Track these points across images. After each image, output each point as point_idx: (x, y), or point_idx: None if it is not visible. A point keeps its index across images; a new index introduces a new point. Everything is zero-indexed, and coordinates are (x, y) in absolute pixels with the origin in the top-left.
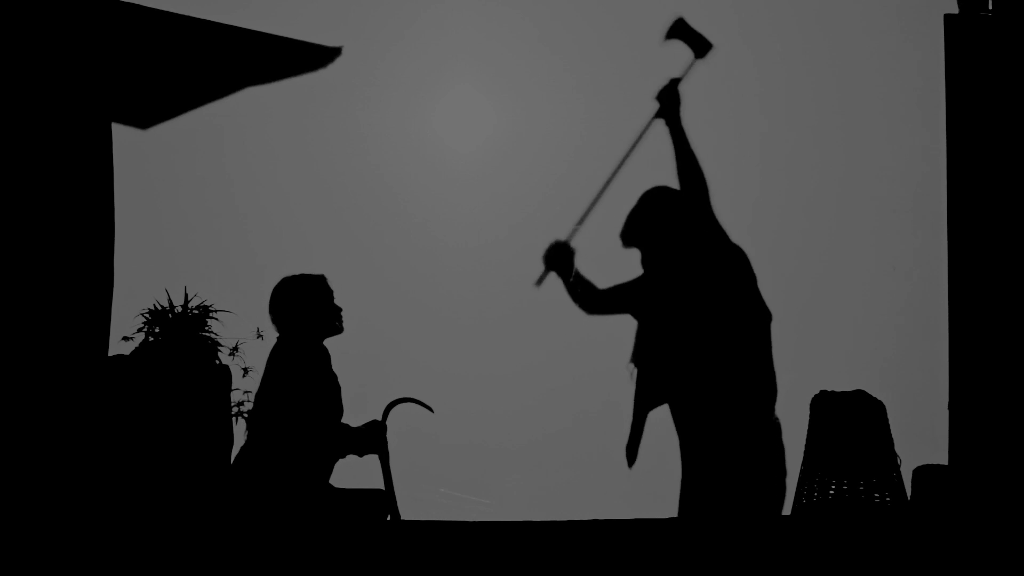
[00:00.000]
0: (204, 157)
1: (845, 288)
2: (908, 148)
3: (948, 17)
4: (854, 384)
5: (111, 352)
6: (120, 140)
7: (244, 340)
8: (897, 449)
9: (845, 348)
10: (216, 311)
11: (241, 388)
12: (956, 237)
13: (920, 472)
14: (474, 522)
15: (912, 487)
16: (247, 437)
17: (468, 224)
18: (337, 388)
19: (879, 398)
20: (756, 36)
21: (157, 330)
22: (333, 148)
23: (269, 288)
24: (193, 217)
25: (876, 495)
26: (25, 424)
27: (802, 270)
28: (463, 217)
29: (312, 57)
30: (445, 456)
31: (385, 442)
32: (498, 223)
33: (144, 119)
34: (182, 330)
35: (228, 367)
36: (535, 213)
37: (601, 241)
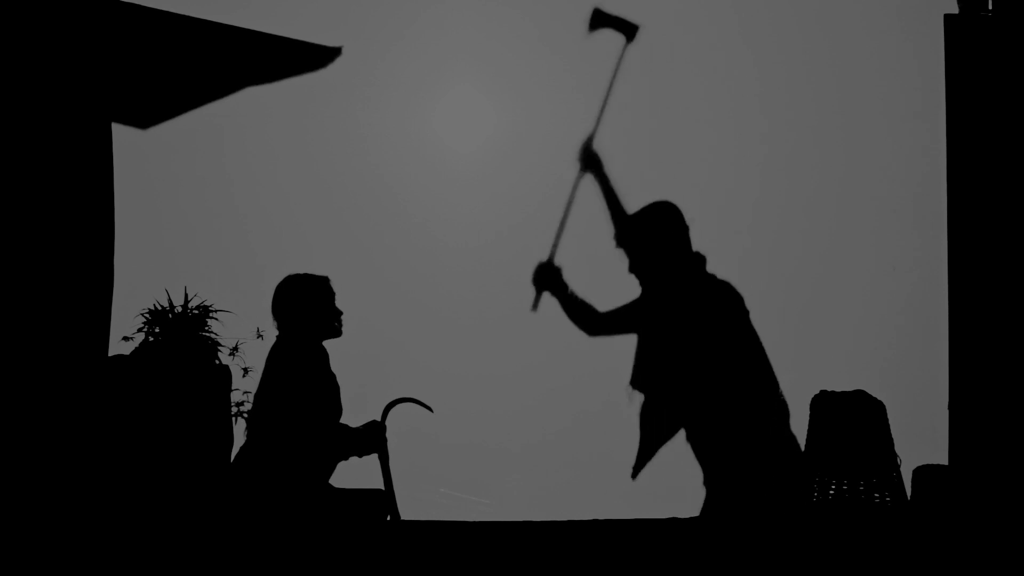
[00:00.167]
0: (204, 157)
1: (845, 288)
2: (908, 148)
3: (948, 17)
4: (854, 384)
5: (111, 352)
6: (120, 140)
7: (244, 340)
8: (897, 449)
9: (845, 348)
10: (216, 311)
11: (241, 388)
12: (956, 237)
13: (920, 472)
14: (474, 522)
15: (912, 487)
16: (247, 437)
17: (468, 224)
18: (336, 388)
19: (879, 398)
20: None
21: (157, 330)
22: (333, 148)
23: (269, 288)
24: (193, 217)
25: (876, 495)
26: (25, 424)
27: (802, 270)
28: (463, 217)
29: (312, 57)
30: (445, 456)
31: (385, 442)
32: (498, 223)
33: (144, 119)
34: (182, 330)
35: (228, 367)
36: (535, 213)
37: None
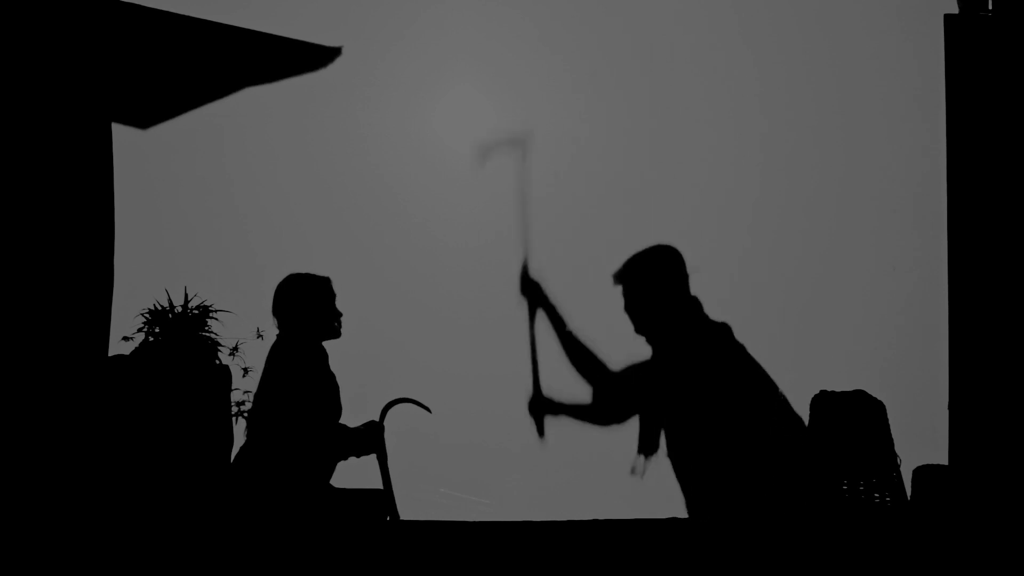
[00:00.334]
0: (204, 157)
1: (845, 288)
2: (908, 148)
3: (948, 17)
4: (854, 384)
5: (111, 352)
6: (120, 140)
7: (244, 340)
8: (897, 449)
9: (845, 348)
10: (216, 311)
11: (241, 388)
12: (956, 237)
13: (920, 472)
14: (474, 522)
15: (912, 487)
16: (247, 437)
17: (468, 224)
18: (336, 388)
19: (879, 398)
20: (756, 36)
21: (157, 330)
22: (333, 148)
23: (269, 288)
24: (193, 217)
25: (876, 495)
26: (25, 424)
27: (802, 270)
28: (463, 217)
29: (312, 57)
30: (445, 456)
31: (383, 442)
32: (498, 223)
33: (144, 119)
34: (182, 330)
35: (228, 367)
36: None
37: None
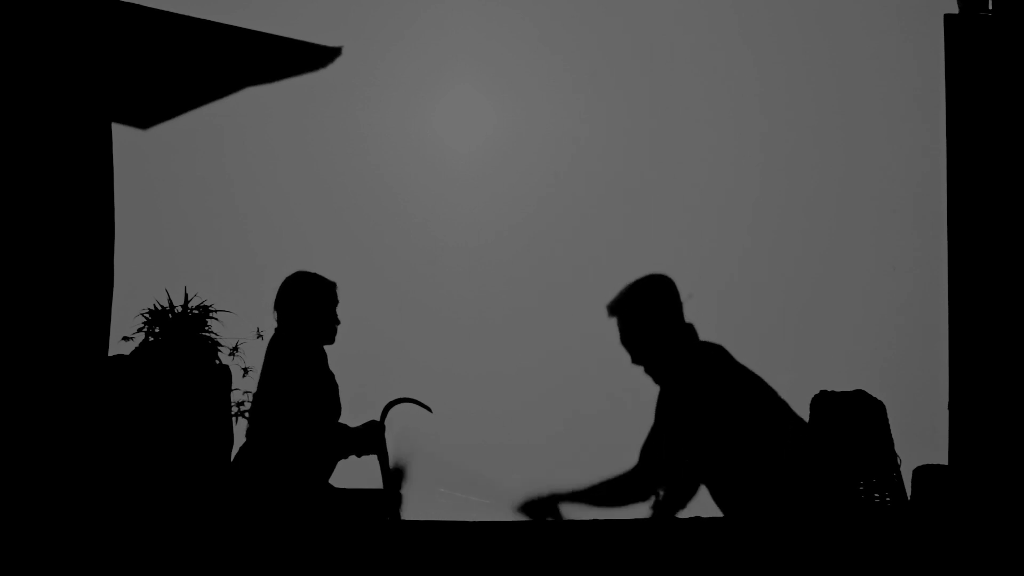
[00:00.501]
0: (204, 157)
1: (845, 288)
2: (908, 148)
3: (948, 17)
4: (854, 384)
5: (111, 352)
6: (120, 140)
7: (244, 340)
8: (897, 449)
9: (845, 348)
10: (216, 311)
11: (241, 388)
12: (956, 237)
13: (920, 472)
14: (474, 522)
15: (912, 487)
16: (247, 436)
17: (468, 224)
18: (334, 386)
19: (879, 398)
20: (756, 36)
21: (157, 330)
22: (333, 148)
23: (269, 288)
24: (193, 217)
25: (876, 495)
26: (25, 424)
27: (802, 270)
28: (463, 217)
29: (312, 57)
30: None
31: (384, 442)
32: (498, 223)
33: (144, 119)
34: (182, 330)
35: (228, 367)
36: (535, 213)
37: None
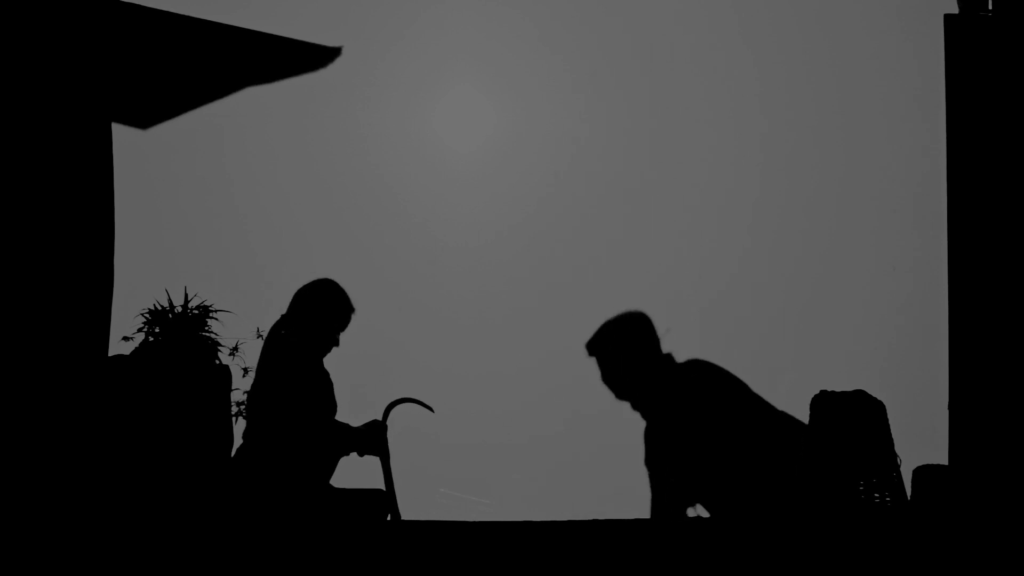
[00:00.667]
0: (204, 157)
1: (845, 288)
2: (908, 148)
3: (948, 17)
4: (854, 384)
5: (111, 352)
6: (120, 140)
7: (244, 340)
8: (897, 449)
9: (845, 348)
10: (216, 311)
11: (241, 388)
12: (956, 237)
13: (920, 472)
14: (474, 522)
15: (912, 487)
16: (244, 435)
17: (468, 224)
18: (329, 384)
19: (879, 398)
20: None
21: (157, 330)
22: (333, 148)
23: (269, 288)
24: (193, 217)
25: (876, 495)
26: (25, 424)
27: (802, 270)
28: (463, 217)
29: (312, 57)
30: (445, 456)
31: (386, 442)
32: (498, 223)
33: (144, 119)
34: (182, 330)
35: (228, 367)
36: (535, 213)
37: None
